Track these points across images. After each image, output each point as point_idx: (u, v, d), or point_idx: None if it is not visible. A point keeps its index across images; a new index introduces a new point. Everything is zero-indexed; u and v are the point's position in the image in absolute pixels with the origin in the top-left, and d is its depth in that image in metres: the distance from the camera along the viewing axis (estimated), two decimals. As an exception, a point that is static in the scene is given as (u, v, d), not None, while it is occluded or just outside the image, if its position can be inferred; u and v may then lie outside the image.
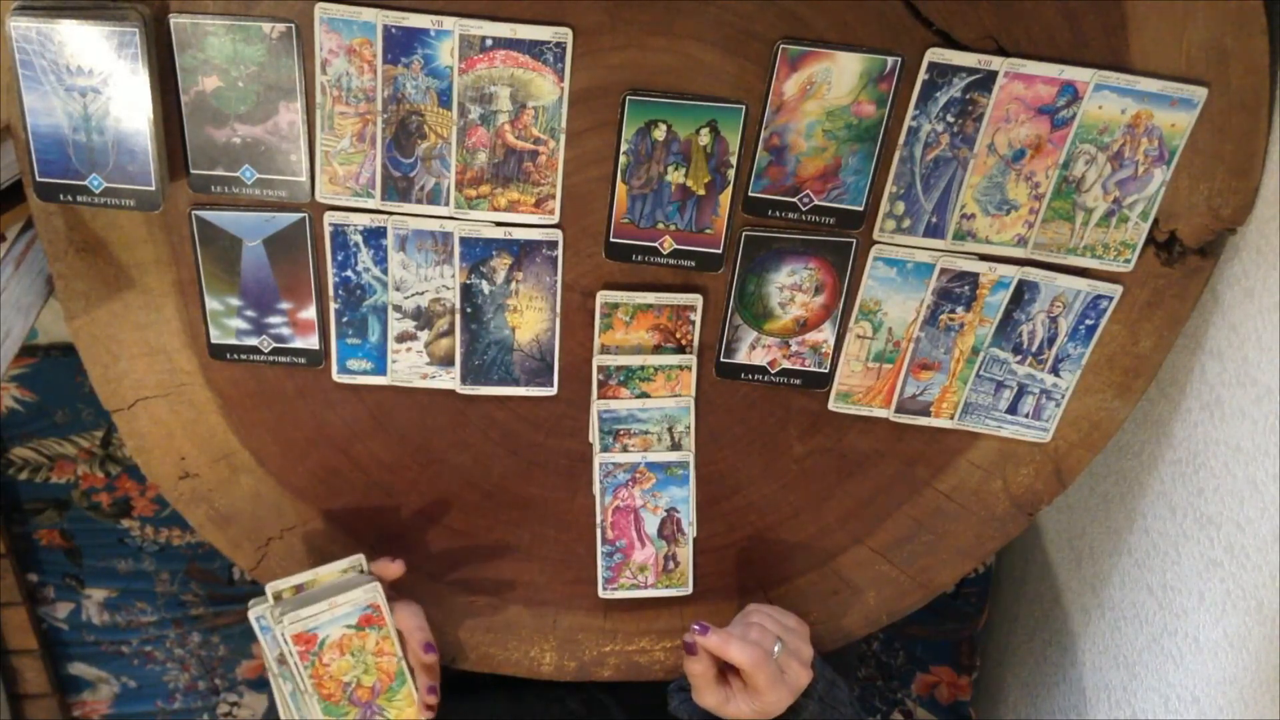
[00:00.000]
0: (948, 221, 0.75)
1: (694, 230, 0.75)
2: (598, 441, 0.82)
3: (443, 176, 0.74)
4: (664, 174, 0.74)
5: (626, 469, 0.83)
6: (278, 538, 0.86)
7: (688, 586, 0.87)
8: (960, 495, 0.86)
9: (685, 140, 0.72)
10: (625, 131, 0.72)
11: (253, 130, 0.72)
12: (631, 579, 0.87)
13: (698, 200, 0.74)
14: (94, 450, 1.23)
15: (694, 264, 0.77)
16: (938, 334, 0.80)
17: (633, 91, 0.71)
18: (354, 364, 0.80)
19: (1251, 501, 0.72)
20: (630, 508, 0.84)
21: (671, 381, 0.80)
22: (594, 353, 0.80)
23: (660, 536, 0.86)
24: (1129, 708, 0.88)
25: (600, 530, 0.85)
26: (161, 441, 0.83)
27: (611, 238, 0.76)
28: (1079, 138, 0.72)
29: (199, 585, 1.31)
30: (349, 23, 0.69)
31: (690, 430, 0.82)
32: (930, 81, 0.70)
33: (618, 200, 0.74)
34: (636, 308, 0.78)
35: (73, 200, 0.71)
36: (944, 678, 1.33)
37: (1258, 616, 0.71)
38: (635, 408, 0.81)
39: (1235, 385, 0.74)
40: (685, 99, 0.71)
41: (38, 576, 1.30)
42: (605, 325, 0.79)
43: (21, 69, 0.67)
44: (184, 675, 1.38)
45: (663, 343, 0.80)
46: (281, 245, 0.76)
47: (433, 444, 0.84)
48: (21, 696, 1.37)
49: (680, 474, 0.83)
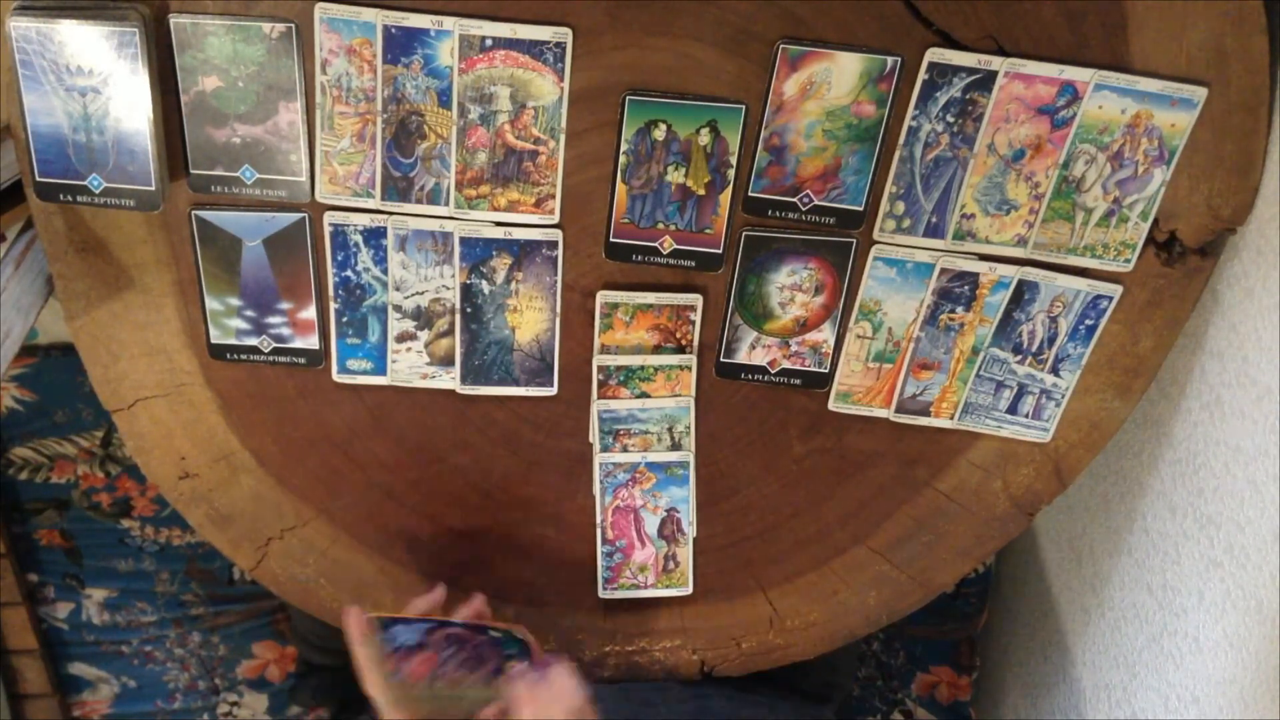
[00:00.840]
0: (948, 221, 0.75)
1: (694, 230, 0.75)
2: (598, 441, 0.82)
3: (443, 176, 0.74)
4: (664, 174, 0.74)
5: (626, 469, 0.83)
6: (278, 538, 0.86)
7: (688, 586, 0.87)
8: (960, 495, 0.86)
9: (685, 140, 0.72)
10: (625, 131, 0.72)
11: (253, 130, 0.72)
12: (631, 579, 0.87)
13: (698, 200, 0.74)
14: (94, 450, 1.23)
15: (694, 264, 0.77)
16: (938, 334, 0.80)
17: (632, 91, 0.71)
18: (354, 364, 0.80)
19: (1251, 501, 0.72)
20: (630, 508, 0.84)
21: (671, 381, 0.80)
22: (594, 353, 0.80)
23: (660, 536, 0.86)
24: (1129, 708, 0.88)
25: (600, 530, 0.85)
26: (161, 441, 0.83)
27: (611, 238, 0.76)
28: (1079, 138, 0.72)
29: (199, 585, 1.31)
30: (349, 23, 0.69)
31: (690, 430, 0.82)
32: (930, 81, 0.70)
33: (618, 200, 0.74)
34: (636, 308, 0.78)
35: (73, 200, 0.71)
36: (944, 678, 1.33)
37: (1258, 616, 0.71)
38: (635, 408, 0.81)
39: (1235, 385, 0.74)
40: (685, 99, 0.71)
41: (38, 576, 1.30)
42: (605, 325, 0.79)
43: (21, 69, 0.67)
44: (184, 675, 1.38)
45: (663, 343, 0.80)
46: (282, 245, 0.76)
47: (433, 444, 0.84)
48: (21, 696, 1.37)
49: (680, 474, 0.83)
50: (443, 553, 0.87)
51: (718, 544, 0.87)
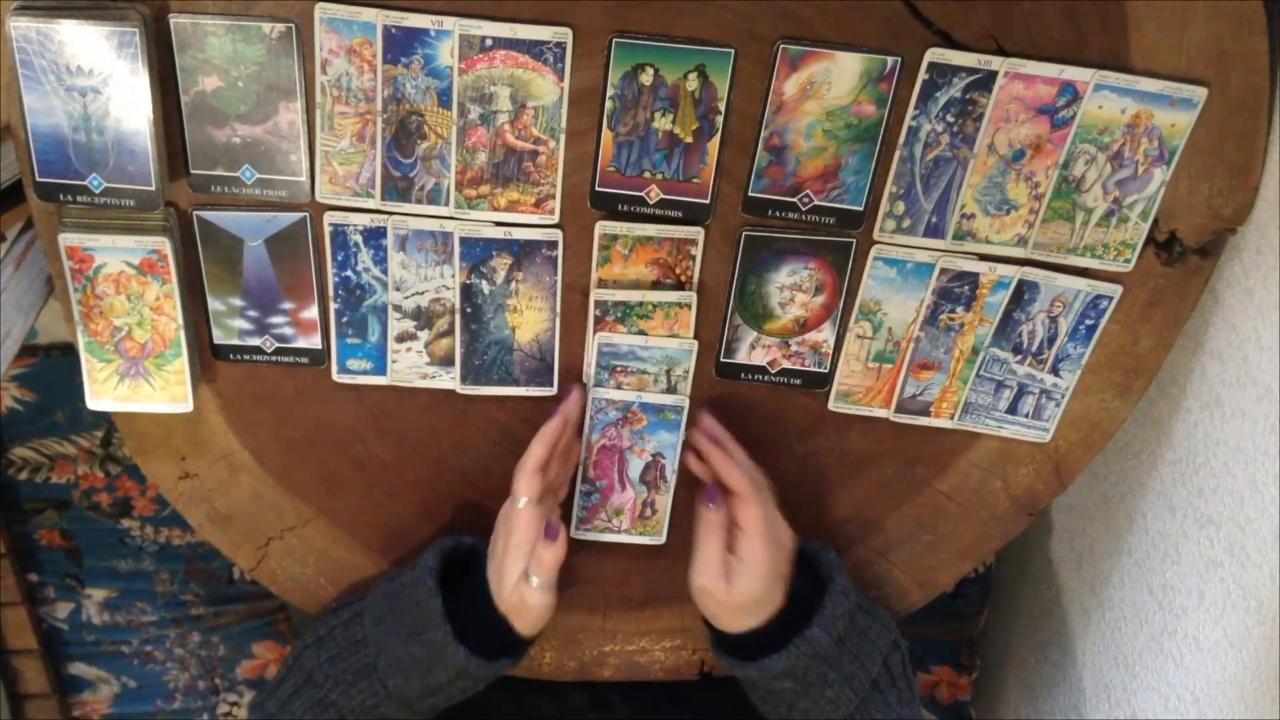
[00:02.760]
0: (948, 221, 0.75)
1: (681, 179, 0.73)
2: (592, 377, 0.80)
3: (443, 176, 0.74)
4: (651, 120, 0.72)
5: (619, 407, 0.81)
6: (278, 538, 0.86)
7: (661, 536, 0.86)
8: (960, 495, 0.86)
9: (673, 85, 0.71)
10: (611, 75, 0.70)
11: (253, 130, 0.72)
12: (605, 522, 0.85)
13: (685, 148, 0.73)
14: (94, 450, 1.23)
15: (681, 214, 0.75)
16: (938, 334, 0.80)
17: (620, 34, 0.70)
18: (354, 364, 0.80)
19: (1251, 501, 0.72)
20: (616, 448, 0.82)
21: (670, 320, 0.78)
22: (591, 285, 0.78)
23: (642, 481, 0.84)
24: (1129, 708, 0.88)
25: (581, 468, 0.83)
26: (161, 441, 0.83)
27: (597, 187, 0.74)
28: (1079, 138, 0.72)
29: (199, 585, 1.31)
30: (349, 23, 0.69)
31: (689, 376, 0.80)
32: (930, 81, 0.70)
33: (603, 147, 0.73)
34: (636, 240, 0.76)
35: (73, 200, 0.71)
36: (944, 678, 1.33)
37: (1258, 616, 0.71)
38: (637, 344, 0.79)
39: (1235, 385, 0.74)
40: (673, 42, 0.70)
41: (38, 576, 1.30)
42: (603, 259, 0.77)
43: (21, 69, 0.67)
44: (184, 675, 1.38)
45: (662, 279, 0.78)
46: (283, 245, 0.76)
47: (433, 444, 0.84)
48: (21, 696, 1.37)
49: (673, 419, 0.81)
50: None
51: (718, 544, 0.87)
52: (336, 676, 0.78)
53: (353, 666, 0.78)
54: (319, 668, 0.79)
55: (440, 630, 0.75)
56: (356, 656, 0.78)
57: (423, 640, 0.75)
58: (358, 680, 0.77)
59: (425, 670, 0.76)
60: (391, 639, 0.77)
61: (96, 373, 0.77)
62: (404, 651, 0.76)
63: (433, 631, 0.75)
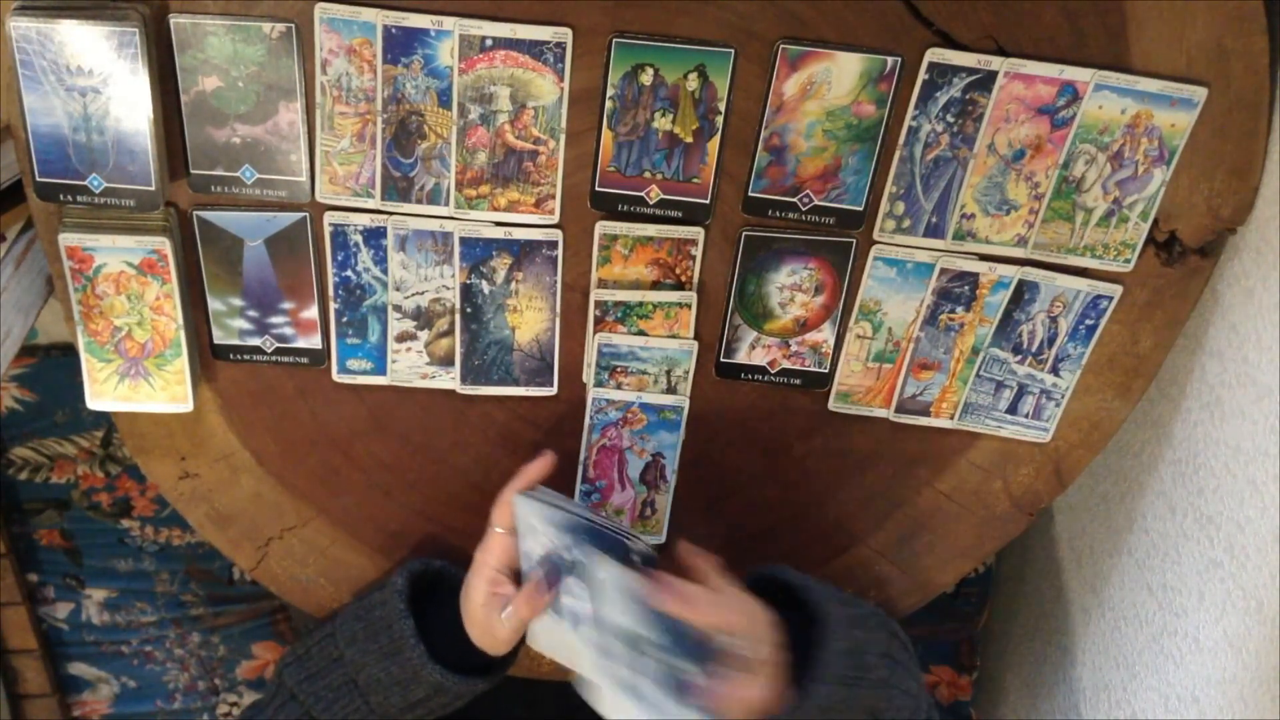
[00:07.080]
0: (948, 221, 0.75)
1: (681, 179, 0.74)
2: (592, 377, 0.80)
3: (443, 176, 0.74)
4: (651, 120, 0.72)
5: (619, 407, 0.81)
6: (278, 538, 0.86)
7: (662, 535, 0.86)
8: (960, 495, 0.86)
9: (673, 85, 0.71)
10: (611, 75, 0.70)
11: (253, 130, 0.72)
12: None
13: (685, 148, 0.73)
14: (94, 450, 1.23)
15: (681, 214, 0.75)
16: (938, 334, 0.80)
17: (620, 33, 0.70)
18: (354, 364, 0.80)
19: (1251, 501, 0.72)
20: (616, 448, 0.82)
21: (670, 320, 0.78)
22: (591, 285, 0.78)
23: (642, 481, 0.84)
24: (1129, 708, 0.88)
25: (581, 467, 0.83)
26: (161, 441, 0.83)
27: (597, 187, 0.74)
28: (1079, 138, 0.72)
29: (199, 585, 1.31)
30: (349, 23, 0.69)
31: (689, 376, 0.80)
32: (930, 81, 0.70)
33: (603, 147, 0.73)
34: (636, 240, 0.76)
35: (73, 200, 0.71)
36: (944, 678, 1.33)
37: (1258, 616, 0.71)
38: (637, 345, 0.79)
39: (1235, 385, 0.74)
40: (673, 42, 0.70)
41: (38, 576, 1.29)
42: (603, 259, 0.77)
43: (21, 69, 0.67)
44: (184, 675, 1.38)
45: (661, 279, 0.78)
46: (283, 245, 0.76)
47: (433, 444, 0.84)
48: (21, 696, 1.37)
49: (673, 419, 0.81)
50: (443, 553, 0.87)
51: (717, 544, 0.87)
52: (318, 694, 0.79)
53: (333, 684, 0.79)
54: (299, 685, 0.79)
55: (415, 651, 0.76)
56: (335, 674, 0.79)
57: (398, 660, 0.76)
58: (339, 697, 0.78)
59: (404, 688, 0.77)
60: (367, 658, 0.77)
61: (96, 373, 0.77)
62: (381, 671, 0.77)
63: (407, 653, 0.76)
